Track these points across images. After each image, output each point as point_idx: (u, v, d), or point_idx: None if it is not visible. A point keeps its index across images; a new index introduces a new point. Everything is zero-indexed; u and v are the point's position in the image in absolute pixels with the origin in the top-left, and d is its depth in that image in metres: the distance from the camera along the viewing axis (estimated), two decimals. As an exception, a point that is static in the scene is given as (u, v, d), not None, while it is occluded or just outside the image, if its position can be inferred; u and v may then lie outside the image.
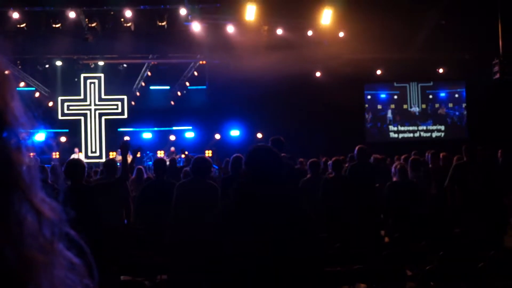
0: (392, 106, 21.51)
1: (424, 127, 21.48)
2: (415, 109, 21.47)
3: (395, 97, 21.54)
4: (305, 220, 3.07)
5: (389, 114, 21.49)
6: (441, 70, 20.91)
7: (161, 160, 8.00)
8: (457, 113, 21.49)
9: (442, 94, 21.62)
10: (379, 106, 21.52)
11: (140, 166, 10.15)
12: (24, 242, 0.67)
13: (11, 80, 0.71)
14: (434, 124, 21.47)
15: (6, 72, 0.71)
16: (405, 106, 21.50)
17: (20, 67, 18.69)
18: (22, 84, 19.37)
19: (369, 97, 21.50)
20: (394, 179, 7.58)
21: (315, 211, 7.48)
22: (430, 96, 21.57)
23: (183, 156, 14.89)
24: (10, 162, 0.67)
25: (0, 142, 0.67)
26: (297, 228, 2.98)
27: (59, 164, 8.73)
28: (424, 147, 13.68)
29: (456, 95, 21.56)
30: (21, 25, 16.40)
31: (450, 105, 21.59)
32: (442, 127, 21.46)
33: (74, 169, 5.47)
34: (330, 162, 7.87)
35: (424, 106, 21.53)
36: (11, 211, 0.67)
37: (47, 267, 0.68)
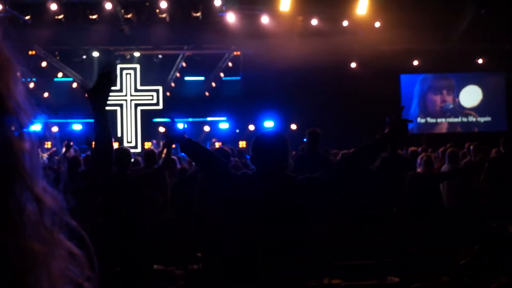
0: (428, 97, 21.13)
1: (463, 119, 21.05)
2: (449, 105, 21.06)
3: (430, 87, 21.15)
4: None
5: (422, 106, 21.13)
6: (480, 61, 20.38)
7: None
8: (497, 105, 20.94)
9: (482, 86, 21.10)
10: (414, 97, 21.16)
11: (174, 157, 10.25)
12: (24, 232, 0.65)
13: (14, 65, 0.69)
14: (474, 117, 21.02)
15: (9, 56, 0.69)
16: (441, 98, 21.09)
17: (58, 58, 19.00)
18: (60, 74, 19.72)
19: (404, 87, 21.17)
20: (419, 170, 7.41)
21: (348, 205, 7.44)
22: (469, 87, 21.08)
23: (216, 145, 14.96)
24: (11, 148, 0.66)
25: (1, 128, 0.66)
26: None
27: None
28: (462, 139, 13.40)
29: (497, 87, 21.03)
30: (59, 17, 16.63)
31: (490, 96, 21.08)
32: (482, 119, 20.98)
33: (121, 157, 5.55)
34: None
35: (462, 97, 21.08)
36: (12, 200, 0.65)
37: (46, 258, 0.66)
